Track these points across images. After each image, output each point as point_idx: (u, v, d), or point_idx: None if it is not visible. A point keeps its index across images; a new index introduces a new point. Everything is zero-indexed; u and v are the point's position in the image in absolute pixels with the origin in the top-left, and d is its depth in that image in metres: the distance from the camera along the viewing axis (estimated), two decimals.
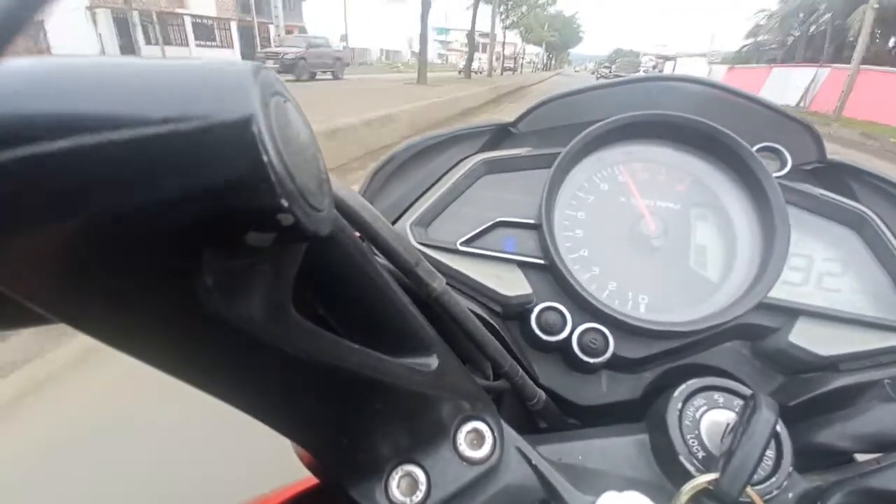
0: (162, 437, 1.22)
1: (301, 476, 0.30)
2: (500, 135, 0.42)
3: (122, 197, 0.11)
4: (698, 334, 0.34)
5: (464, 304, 0.27)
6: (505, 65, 33.50)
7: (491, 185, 0.39)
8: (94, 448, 1.19)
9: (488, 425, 0.26)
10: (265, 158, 0.11)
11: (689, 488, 0.25)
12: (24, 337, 1.53)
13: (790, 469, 0.27)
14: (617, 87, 0.41)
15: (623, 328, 0.34)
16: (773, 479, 0.26)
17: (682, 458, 0.27)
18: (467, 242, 0.37)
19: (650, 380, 0.35)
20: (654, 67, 40.16)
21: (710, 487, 0.24)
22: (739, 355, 0.36)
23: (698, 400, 0.29)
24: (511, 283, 0.36)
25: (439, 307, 0.26)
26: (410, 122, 5.64)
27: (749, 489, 0.25)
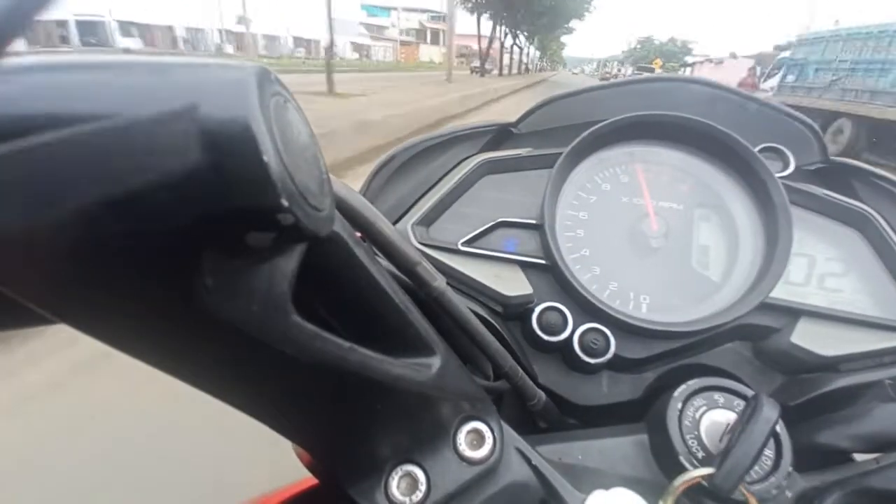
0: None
1: (301, 476, 0.30)
2: (502, 135, 0.42)
3: (121, 197, 0.11)
4: (700, 334, 0.34)
5: (465, 305, 0.27)
6: None
7: (492, 185, 0.39)
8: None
9: (488, 425, 0.26)
10: (265, 158, 0.11)
11: (682, 481, 0.25)
12: None
13: (789, 469, 0.27)
14: (618, 88, 0.41)
15: (624, 328, 0.34)
16: (773, 479, 0.26)
17: (681, 458, 0.27)
18: (468, 242, 0.37)
19: (651, 380, 0.35)
20: None
21: (705, 483, 0.24)
22: (740, 356, 0.36)
23: (698, 400, 0.29)
24: (512, 283, 0.36)
25: (440, 307, 0.26)
26: None
27: (743, 487, 0.25)
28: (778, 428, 0.27)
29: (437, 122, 6.13)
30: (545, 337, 0.34)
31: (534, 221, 0.37)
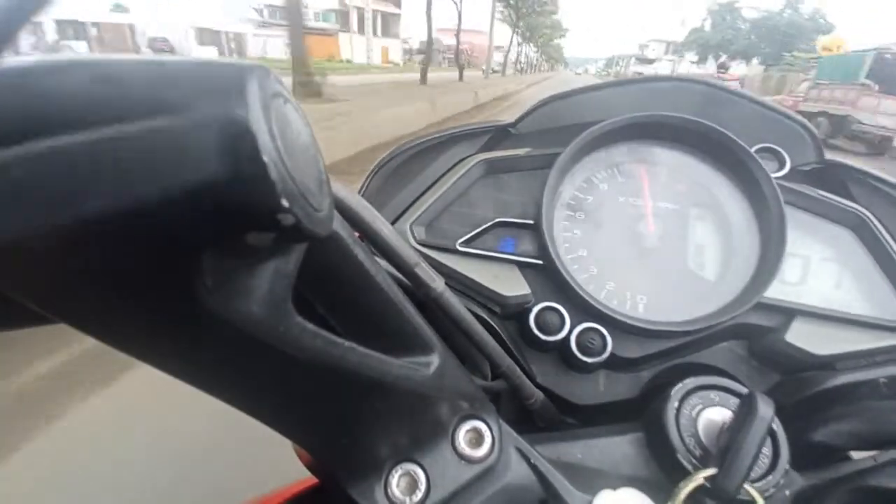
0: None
1: (301, 476, 0.30)
2: (500, 135, 0.42)
3: (120, 197, 0.11)
4: (696, 334, 0.34)
5: (463, 305, 0.27)
6: None
7: (490, 185, 0.39)
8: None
9: (487, 425, 0.26)
10: (265, 159, 0.11)
11: (687, 484, 0.25)
12: None
13: (787, 467, 0.27)
14: (617, 88, 0.41)
15: (621, 328, 0.34)
16: (770, 478, 0.26)
17: (679, 456, 0.27)
18: (466, 243, 0.37)
19: (647, 379, 0.35)
20: None
21: (708, 484, 0.25)
22: (736, 355, 0.36)
23: (695, 399, 0.29)
24: (509, 284, 0.36)
25: (438, 307, 0.26)
26: None
27: (748, 485, 0.25)
28: (774, 426, 0.27)
29: None
30: (542, 336, 0.34)
31: (531, 222, 0.37)
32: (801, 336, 0.34)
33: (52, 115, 0.11)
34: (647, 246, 0.37)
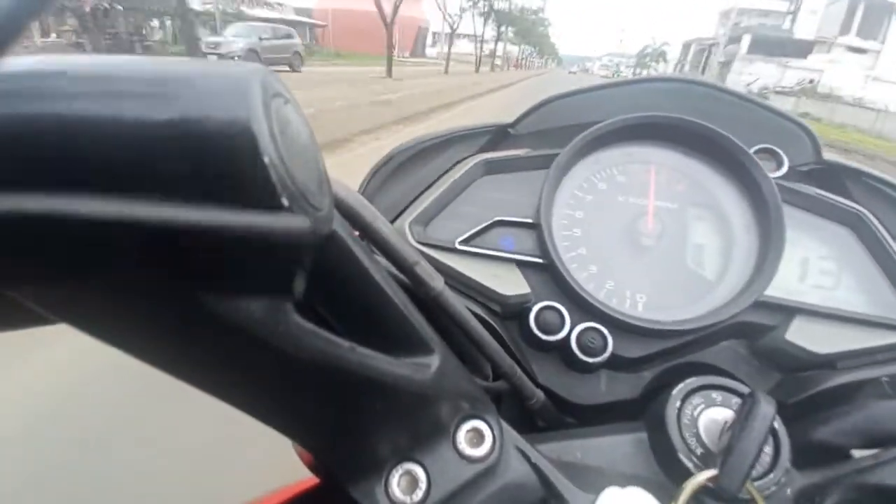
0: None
1: (301, 476, 0.30)
2: (499, 135, 0.42)
3: (122, 198, 0.11)
4: (696, 333, 0.34)
5: (463, 304, 0.27)
6: None
7: (489, 185, 0.39)
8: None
9: (488, 424, 0.26)
10: (266, 159, 0.12)
11: (690, 485, 0.25)
12: None
13: (788, 465, 0.27)
14: (616, 89, 0.41)
15: (621, 327, 0.34)
16: (771, 476, 0.26)
17: (680, 456, 0.27)
18: (466, 241, 0.37)
19: (649, 379, 0.35)
20: None
21: (710, 484, 0.25)
22: (737, 354, 0.36)
23: (696, 398, 0.29)
24: (509, 283, 0.36)
25: (438, 307, 0.26)
26: None
27: (749, 485, 0.25)
28: (776, 425, 0.27)
29: None
30: (543, 336, 0.34)
31: (530, 221, 0.37)
32: (802, 334, 0.34)
33: (50, 118, 0.11)
34: (646, 245, 0.37)
